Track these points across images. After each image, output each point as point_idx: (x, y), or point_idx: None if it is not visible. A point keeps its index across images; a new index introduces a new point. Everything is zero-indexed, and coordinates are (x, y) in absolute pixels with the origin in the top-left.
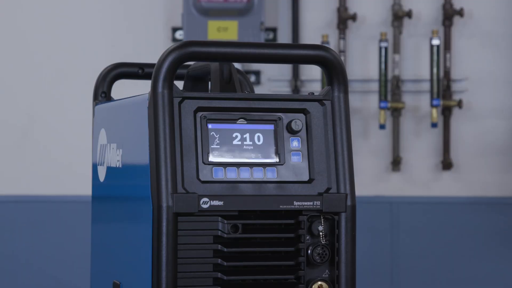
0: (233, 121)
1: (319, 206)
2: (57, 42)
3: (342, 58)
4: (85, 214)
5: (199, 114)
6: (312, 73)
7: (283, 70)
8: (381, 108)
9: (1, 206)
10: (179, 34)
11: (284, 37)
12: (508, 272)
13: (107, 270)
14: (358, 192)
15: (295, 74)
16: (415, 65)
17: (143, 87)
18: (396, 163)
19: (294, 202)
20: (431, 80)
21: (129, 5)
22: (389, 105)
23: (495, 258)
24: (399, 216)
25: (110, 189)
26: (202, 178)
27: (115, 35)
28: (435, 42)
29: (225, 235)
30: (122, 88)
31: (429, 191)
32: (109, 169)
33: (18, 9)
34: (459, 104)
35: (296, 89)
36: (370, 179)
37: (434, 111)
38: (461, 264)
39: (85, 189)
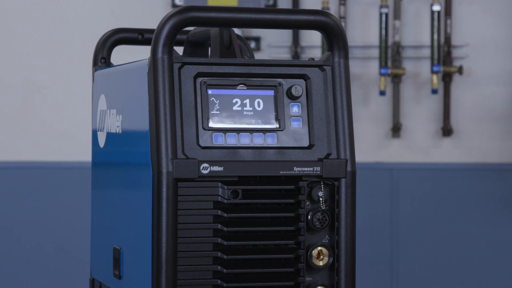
0: (233, 86)
1: (319, 172)
2: (56, 8)
3: (343, 24)
4: (85, 180)
5: (199, 79)
6: (313, 39)
7: (283, 36)
8: (381, 74)
9: (1, 172)
10: (178, 0)
11: (284, 2)
12: (507, 238)
13: (107, 236)
14: (358, 158)
15: (295, 40)
16: (416, 31)
17: (143, 53)
18: (396, 129)
19: (294, 167)
20: (432, 46)
21: None
22: (389, 71)
23: (494, 224)
24: (399, 183)
25: (110, 155)
26: (202, 143)
27: (114, 0)
28: (436, 8)
29: (225, 201)
30: (121, 54)
31: (429, 158)
32: (109, 135)
33: None
34: (460, 70)
35: (296, 55)
36: (370, 145)
37: (435, 77)
38: (460, 230)
39: (85, 155)
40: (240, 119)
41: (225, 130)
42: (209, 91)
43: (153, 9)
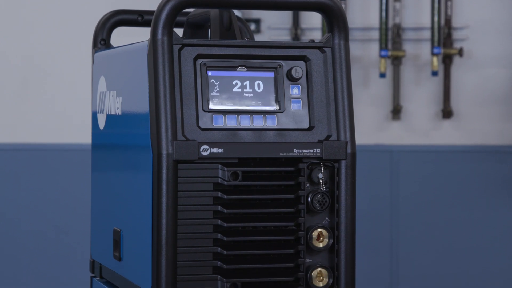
0: (233, 68)
1: (319, 154)
2: None
3: (343, 5)
4: (85, 162)
5: (199, 61)
6: (313, 21)
7: (283, 18)
8: (381, 56)
9: (1, 154)
10: None
11: None
12: (507, 220)
13: (107, 218)
14: (358, 140)
15: (296, 22)
16: (416, 13)
17: (142, 35)
18: (396, 111)
19: (294, 149)
20: (432, 28)
21: None
22: (389, 53)
23: (494, 206)
24: (399, 165)
25: (110, 137)
26: (202, 125)
27: None
28: None
29: (225, 183)
30: (121, 36)
31: (429, 140)
32: (109, 117)
33: None
34: (460, 52)
35: (296, 37)
36: (370, 127)
37: (435, 59)
38: (460, 212)
39: (85, 137)
40: (240, 101)
41: (225, 112)
42: (209, 73)
43: None
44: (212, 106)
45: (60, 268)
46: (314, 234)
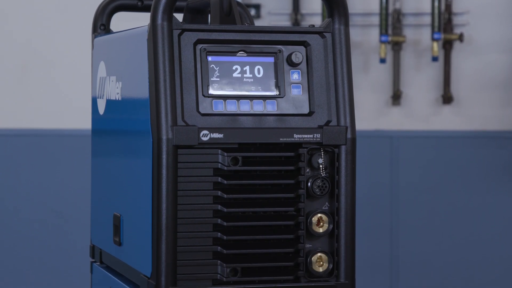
0: (233, 53)
1: (319, 139)
2: None
3: None
4: (85, 148)
5: (199, 46)
6: (313, 7)
7: (283, 4)
8: (381, 42)
9: (1, 139)
10: None
11: None
12: (507, 205)
13: (107, 203)
14: (358, 126)
15: (296, 7)
16: None
17: (141, 21)
18: (396, 97)
19: (294, 134)
20: (432, 13)
21: None
22: (389, 38)
23: (494, 192)
24: (399, 150)
25: (110, 122)
26: (202, 110)
27: None
28: None
29: (225, 168)
30: (121, 21)
31: (429, 125)
32: (109, 102)
33: None
34: (460, 37)
35: (296, 23)
36: (370, 113)
37: (435, 44)
38: (460, 198)
39: (85, 122)
40: (240, 86)
41: (225, 97)
42: (209, 58)
43: None
44: (212, 91)
45: (60, 253)
46: (314, 219)
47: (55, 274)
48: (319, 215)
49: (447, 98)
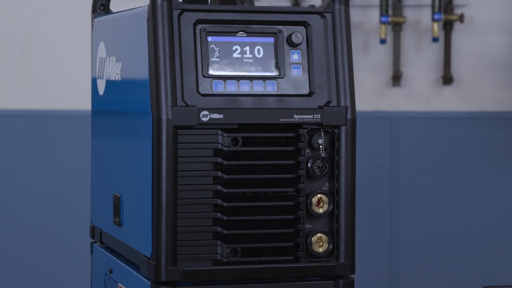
0: (233, 33)
1: (319, 119)
2: None
3: None
4: (85, 129)
5: (199, 26)
6: None
7: None
8: (382, 22)
9: (0, 120)
10: None
11: None
12: (507, 186)
13: (107, 184)
14: (358, 107)
15: None
16: None
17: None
18: (396, 78)
19: (294, 115)
20: None
21: None
22: (390, 19)
23: (494, 173)
24: (399, 131)
25: (110, 103)
26: (202, 91)
27: None
28: None
29: (225, 148)
30: (120, 2)
31: (429, 106)
32: (109, 83)
33: None
34: (461, 18)
35: (296, 3)
36: (370, 94)
37: (435, 25)
38: (460, 179)
39: (85, 103)
40: (240, 66)
41: (225, 78)
42: (209, 38)
43: None
44: (212, 71)
45: (60, 234)
46: (314, 199)
47: (55, 254)
48: (319, 195)
49: (447, 79)
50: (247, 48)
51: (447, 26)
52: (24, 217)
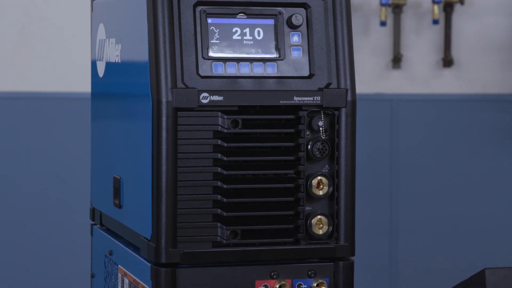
0: (233, 15)
1: (319, 101)
2: None
3: None
4: (85, 111)
5: (199, 8)
6: None
7: None
8: (382, 4)
9: (1, 102)
10: None
11: None
12: (507, 168)
13: (107, 166)
14: (358, 89)
15: None
16: None
17: None
18: (396, 60)
19: (294, 97)
20: None
21: None
22: (390, 1)
23: (494, 155)
24: (399, 114)
25: (110, 85)
26: (201, 73)
27: None
28: None
29: (225, 130)
30: None
31: (429, 89)
32: (108, 65)
33: None
34: (461, 0)
35: None
36: (370, 76)
37: (436, 7)
38: (460, 161)
39: (85, 86)
40: (240, 48)
41: (225, 60)
42: (209, 20)
43: None
44: (212, 53)
45: (61, 216)
46: (314, 182)
47: (55, 237)
48: (319, 177)
49: (447, 61)
50: (247, 30)
51: (448, 8)
52: (23, 199)
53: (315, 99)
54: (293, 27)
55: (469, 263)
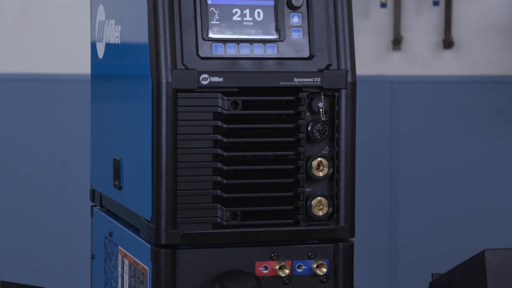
0: None
1: (319, 83)
2: None
3: None
4: (84, 93)
5: None
6: None
7: None
8: None
9: (0, 84)
10: None
11: None
12: (507, 150)
13: (107, 147)
14: (358, 71)
15: None
16: None
17: None
18: (397, 42)
19: (294, 78)
20: None
21: None
22: None
23: (494, 136)
24: (399, 95)
25: (109, 67)
26: (201, 54)
27: None
28: None
29: (225, 112)
30: None
31: (429, 70)
32: (108, 46)
33: None
34: None
35: None
36: (371, 58)
37: None
38: (460, 142)
39: (85, 67)
40: (240, 29)
41: (224, 41)
42: (209, 1)
43: None
44: (211, 34)
45: (60, 198)
46: (314, 163)
47: (55, 218)
48: (319, 159)
49: (447, 43)
50: (247, 11)
51: None
52: (23, 179)
53: (315, 81)
54: (293, 8)
55: (469, 245)
